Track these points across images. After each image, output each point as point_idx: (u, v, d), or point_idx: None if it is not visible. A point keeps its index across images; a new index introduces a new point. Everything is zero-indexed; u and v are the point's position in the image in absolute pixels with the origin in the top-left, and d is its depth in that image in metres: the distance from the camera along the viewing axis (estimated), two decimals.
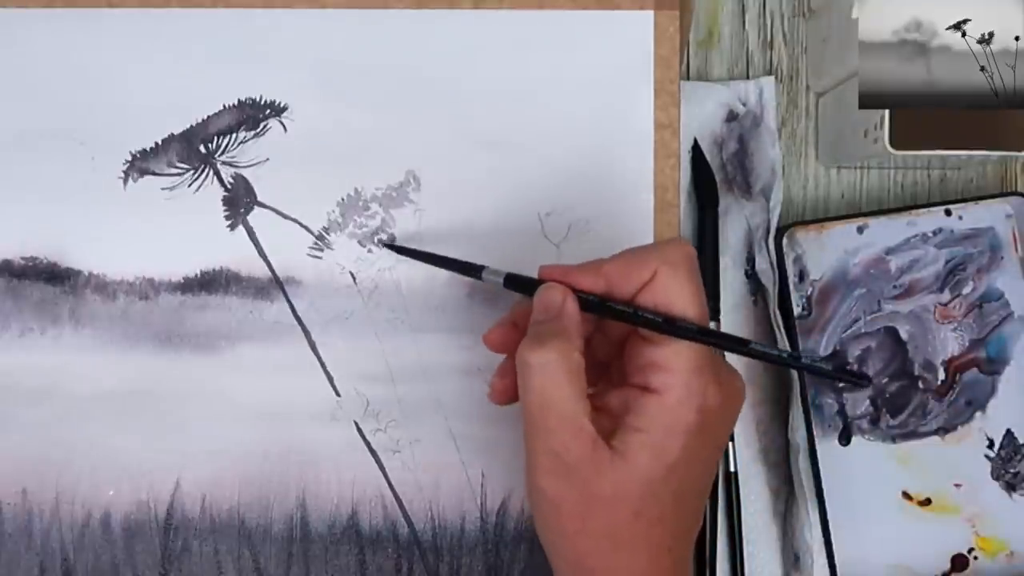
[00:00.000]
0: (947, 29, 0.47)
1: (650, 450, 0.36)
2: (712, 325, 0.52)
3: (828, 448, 0.52)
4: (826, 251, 0.53)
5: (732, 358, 0.54)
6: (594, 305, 0.38)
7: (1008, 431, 0.53)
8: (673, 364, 0.36)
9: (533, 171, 0.48)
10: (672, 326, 0.36)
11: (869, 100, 0.47)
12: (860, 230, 0.53)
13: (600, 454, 0.36)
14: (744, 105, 0.54)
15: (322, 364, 0.47)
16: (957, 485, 0.52)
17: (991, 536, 0.52)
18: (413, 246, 0.47)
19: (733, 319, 0.53)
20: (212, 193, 0.48)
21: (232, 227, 0.48)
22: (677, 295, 0.37)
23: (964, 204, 0.53)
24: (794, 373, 0.51)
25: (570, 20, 0.48)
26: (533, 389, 0.36)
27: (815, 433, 0.51)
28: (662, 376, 0.36)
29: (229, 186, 0.48)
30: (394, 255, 0.47)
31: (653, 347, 0.37)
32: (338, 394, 0.47)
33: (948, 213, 0.53)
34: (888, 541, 0.52)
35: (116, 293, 0.47)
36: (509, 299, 0.47)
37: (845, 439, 0.53)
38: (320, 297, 0.47)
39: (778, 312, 0.51)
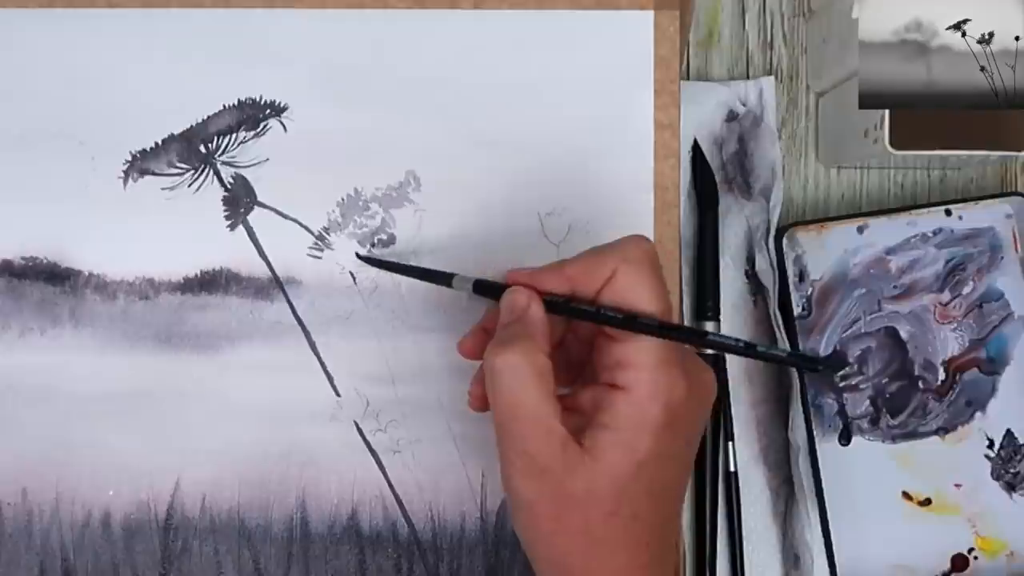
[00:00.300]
0: (947, 29, 0.47)
1: (620, 447, 0.36)
2: (711, 326, 0.52)
3: (828, 448, 0.52)
4: (826, 251, 0.53)
5: (732, 358, 0.54)
6: (558, 306, 0.38)
7: (1008, 431, 0.53)
8: (638, 360, 0.36)
9: (533, 171, 0.48)
10: (632, 322, 0.37)
11: (869, 100, 0.47)
12: (860, 230, 0.53)
13: (571, 454, 0.36)
14: (744, 105, 0.54)
15: (322, 364, 0.47)
16: (957, 485, 0.52)
17: (991, 536, 0.52)
18: (413, 247, 0.47)
19: (733, 319, 0.53)
20: (212, 193, 0.48)
21: (232, 227, 0.48)
22: (638, 292, 0.37)
23: (964, 204, 0.53)
24: (794, 373, 0.51)
25: (570, 20, 0.48)
26: (501, 392, 0.37)
27: (815, 433, 0.51)
28: (628, 373, 0.37)
29: (229, 186, 0.48)
30: (394, 256, 0.47)
31: (618, 344, 0.37)
32: (338, 394, 0.47)
33: (948, 213, 0.53)
34: (888, 541, 0.52)
35: (116, 293, 0.47)
36: None
37: (845, 439, 0.53)
38: (320, 297, 0.47)
39: (778, 312, 0.51)
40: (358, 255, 0.47)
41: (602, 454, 0.36)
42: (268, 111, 0.48)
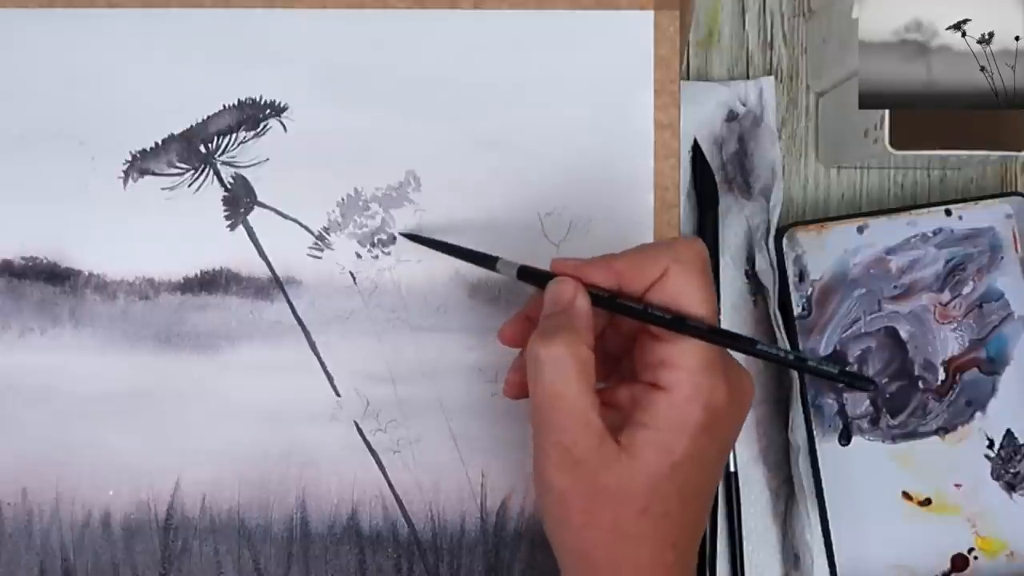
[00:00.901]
0: (947, 29, 0.47)
1: (657, 447, 0.36)
2: None
3: (828, 448, 0.52)
4: (826, 251, 0.53)
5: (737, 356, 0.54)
6: (605, 301, 0.38)
7: (1008, 431, 0.53)
8: (682, 361, 0.37)
9: (533, 171, 0.48)
10: (681, 324, 0.37)
11: (869, 100, 0.47)
12: (860, 230, 0.53)
13: (607, 449, 0.36)
14: (744, 105, 0.54)
15: (322, 364, 0.47)
16: (957, 485, 0.52)
17: (991, 536, 0.52)
18: (413, 246, 0.47)
19: (733, 319, 0.53)
20: (212, 193, 0.48)
21: (232, 227, 0.48)
22: (688, 293, 0.37)
23: (964, 204, 0.53)
24: (794, 373, 0.51)
25: (570, 20, 0.48)
26: (542, 383, 0.37)
27: (815, 433, 0.51)
28: (671, 373, 0.37)
29: (229, 186, 0.48)
30: (394, 256, 0.47)
31: (662, 344, 0.37)
32: (338, 394, 0.47)
33: (948, 213, 0.53)
34: (888, 541, 0.52)
35: (116, 293, 0.47)
36: (510, 299, 0.47)
37: (845, 439, 0.53)
38: (320, 297, 0.47)
39: (778, 312, 0.51)
40: (402, 233, 0.47)
41: (639, 452, 0.36)
42: (268, 111, 0.48)
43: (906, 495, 0.52)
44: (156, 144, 0.48)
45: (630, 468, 0.36)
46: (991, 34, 0.47)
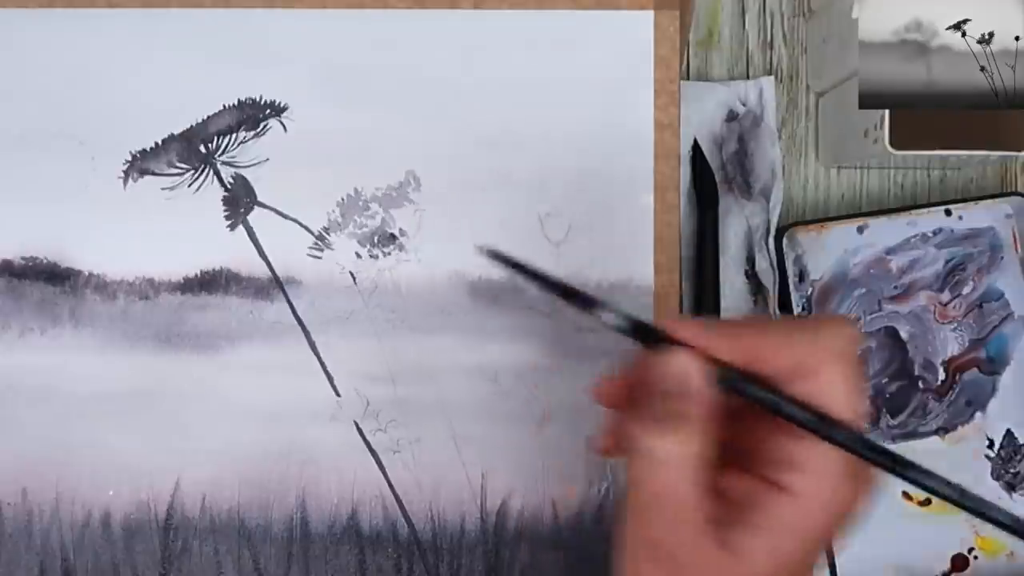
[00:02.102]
0: (947, 29, 0.47)
1: (769, 553, 0.32)
2: None
3: None
4: (826, 251, 0.53)
5: None
6: (734, 384, 0.32)
7: (1008, 431, 0.53)
8: (817, 466, 0.31)
9: (533, 171, 0.48)
10: (829, 430, 0.31)
11: (869, 100, 0.47)
12: (860, 230, 0.53)
13: (711, 552, 0.31)
14: (744, 105, 0.54)
15: (322, 364, 0.47)
16: None
17: (991, 536, 0.52)
18: (413, 246, 0.47)
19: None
20: (212, 193, 0.48)
21: (232, 227, 0.48)
22: (838, 394, 0.31)
23: (964, 204, 0.53)
24: None
25: (570, 20, 0.48)
26: (651, 479, 0.31)
27: None
28: (801, 477, 0.31)
29: (229, 186, 0.48)
30: (395, 258, 0.47)
31: (792, 440, 0.32)
32: (338, 394, 0.47)
33: (948, 213, 0.53)
34: (888, 541, 0.52)
35: (116, 293, 0.47)
36: (510, 300, 0.47)
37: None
38: (320, 297, 0.47)
39: (778, 312, 0.51)
40: (488, 252, 0.34)
41: (748, 557, 0.31)
42: (268, 111, 0.48)
43: (906, 495, 0.52)
44: (156, 144, 0.48)
45: (734, 572, 0.31)
46: (991, 34, 0.47)
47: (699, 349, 0.32)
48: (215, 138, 0.48)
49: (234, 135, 0.48)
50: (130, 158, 0.48)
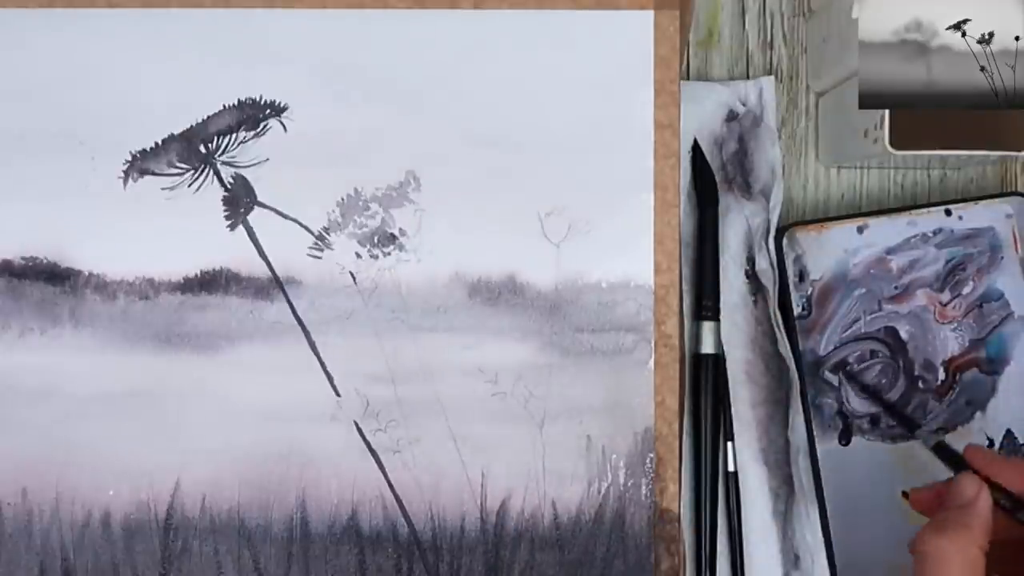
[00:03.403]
0: (947, 29, 0.47)
1: None
2: (711, 325, 0.52)
3: (828, 448, 0.52)
4: (826, 251, 0.53)
5: (731, 358, 0.54)
6: (1012, 508, 0.38)
7: (1008, 431, 0.53)
8: None
9: (533, 171, 0.48)
10: None
11: (869, 100, 0.47)
12: (860, 230, 0.53)
13: None
14: (744, 105, 0.54)
15: (322, 364, 0.47)
16: None
17: None
18: (413, 246, 0.47)
19: (733, 319, 0.53)
20: (212, 193, 0.48)
21: (232, 227, 0.48)
22: None
23: (964, 204, 0.53)
24: (795, 374, 0.51)
25: (570, 20, 0.48)
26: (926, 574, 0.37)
27: (815, 433, 0.51)
28: None
29: (229, 186, 0.48)
30: (395, 258, 0.47)
31: None
32: (338, 394, 0.47)
33: (948, 213, 0.53)
34: (888, 541, 0.52)
35: (116, 293, 0.47)
36: (510, 300, 0.47)
37: (845, 439, 0.53)
38: (320, 297, 0.47)
39: (778, 312, 0.51)
40: (934, 444, 0.44)
41: None
42: (268, 111, 0.48)
43: (906, 495, 0.52)
44: (156, 144, 0.48)
45: None
46: (991, 34, 0.47)
47: (986, 472, 0.38)
48: (215, 138, 0.48)
49: (234, 135, 0.48)
50: (130, 158, 0.48)
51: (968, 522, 0.37)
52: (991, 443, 0.53)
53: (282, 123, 0.48)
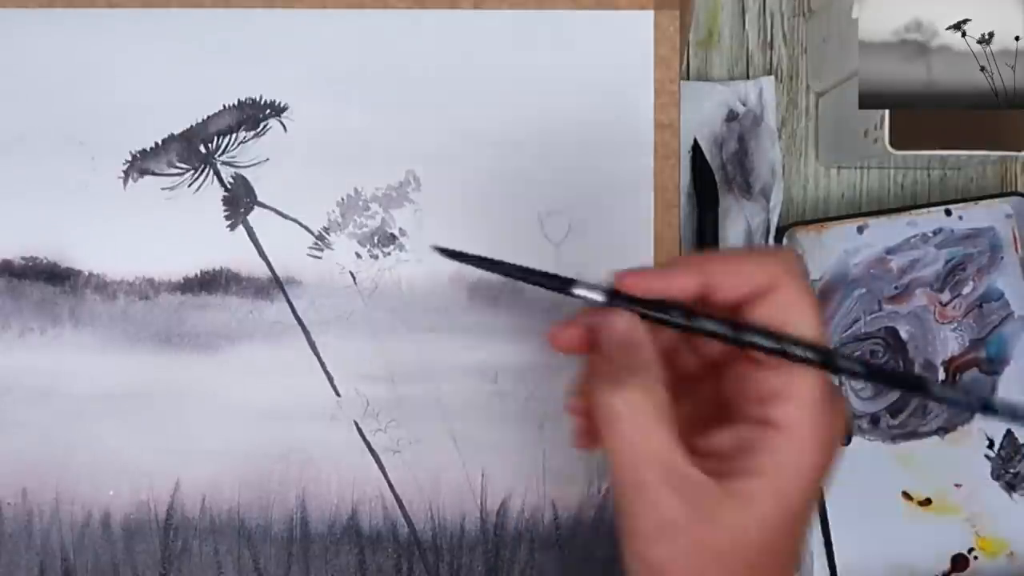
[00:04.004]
0: (947, 29, 0.47)
1: (776, 496, 0.31)
2: None
3: None
4: (826, 251, 0.53)
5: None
6: (690, 323, 0.32)
7: (1008, 431, 0.53)
8: (800, 393, 0.31)
9: (533, 171, 0.48)
10: (796, 348, 0.31)
11: (869, 100, 0.47)
12: (860, 230, 0.53)
13: (709, 503, 0.31)
14: (744, 105, 0.54)
15: (322, 364, 0.47)
16: (957, 485, 0.52)
17: (991, 536, 0.52)
18: (420, 245, 0.47)
19: None
20: (212, 193, 0.48)
21: (232, 227, 0.48)
22: (802, 312, 0.32)
23: (964, 204, 0.53)
24: None
25: (570, 20, 0.48)
26: (621, 438, 0.31)
27: None
28: (787, 408, 0.31)
29: (229, 186, 0.48)
30: (395, 258, 0.47)
31: (771, 372, 0.32)
32: (338, 394, 0.47)
33: (948, 213, 0.53)
34: (888, 541, 0.52)
35: (116, 293, 0.47)
36: (510, 300, 0.47)
37: (845, 439, 0.53)
38: (320, 297, 0.47)
39: None
40: (438, 249, 0.36)
41: (754, 504, 0.31)
42: (268, 111, 0.48)
43: (906, 495, 0.52)
44: (156, 144, 0.48)
45: (744, 524, 0.31)
46: (991, 34, 0.47)
47: (653, 289, 0.32)
48: (215, 138, 0.48)
49: (234, 135, 0.48)
50: (130, 158, 0.48)
51: (641, 362, 0.32)
52: (991, 443, 0.53)
53: (282, 123, 0.48)
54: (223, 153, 0.48)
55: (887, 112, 0.47)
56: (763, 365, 0.32)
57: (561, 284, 0.34)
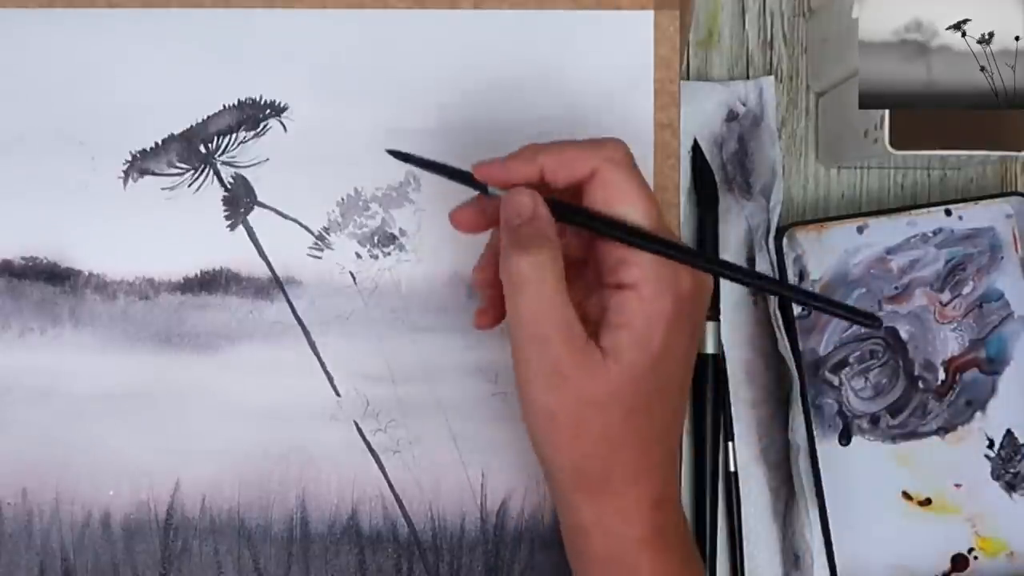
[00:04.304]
0: (947, 29, 0.47)
1: (637, 346, 0.36)
2: (711, 325, 0.52)
3: (828, 448, 0.52)
4: (826, 251, 0.53)
5: (732, 360, 0.54)
6: (563, 211, 0.38)
7: (1008, 431, 0.53)
8: (642, 257, 0.37)
9: None
10: (637, 238, 0.37)
11: (869, 100, 0.47)
12: (860, 230, 0.53)
13: (591, 358, 0.36)
14: (744, 105, 0.54)
15: (322, 364, 0.47)
16: (957, 485, 0.52)
17: (991, 536, 0.52)
18: (413, 246, 0.47)
19: (733, 319, 0.53)
20: (212, 193, 0.48)
21: (232, 227, 0.48)
22: (624, 191, 0.37)
23: (964, 204, 0.53)
24: (795, 373, 0.51)
25: (570, 20, 0.48)
26: (526, 296, 0.36)
27: (815, 433, 0.51)
28: (633, 270, 0.37)
29: (229, 186, 0.48)
30: (395, 258, 0.47)
31: (617, 244, 0.37)
32: (338, 394, 0.47)
33: (948, 213, 0.53)
34: (888, 541, 0.52)
35: (116, 293, 0.47)
36: None
37: (845, 439, 0.53)
38: (320, 297, 0.47)
39: (778, 312, 0.51)
40: (391, 152, 0.41)
41: (621, 355, 0.36)
42: (268, 111, 0.48)
43: (906, 495, 0.52)
44: (156, 144, 0.48)
45: (615, 372, 0.36)
46: (991, 34, 0.47)
47: (502, 175, 0.38)
48: (215, 138, 0.48)
49: (234, 135, 0.48)
50: (130, 158, 0.48)
51: (542, 231, 0.37)
52: (991, 443, 0.53)
53: (282, 123, 0.48)
54: (223, 153, 0.48)
55: (887, 112, 0.47)
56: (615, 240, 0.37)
57: (463, 177, 0.40)
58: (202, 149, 0.48)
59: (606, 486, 0.38)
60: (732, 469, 0.52)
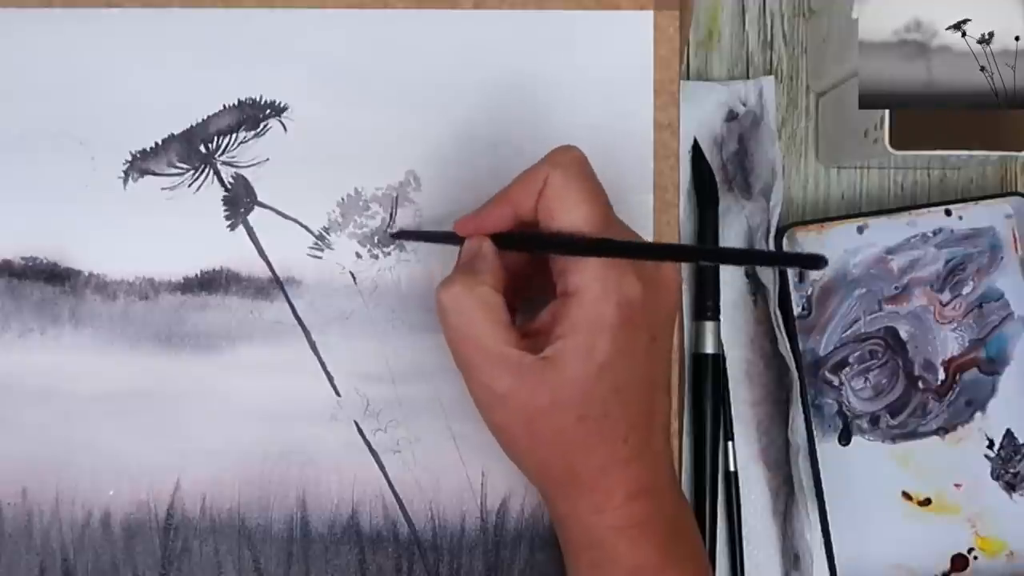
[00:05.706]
0: (947, 29, 0.47)
1: (578, 353, 0.37)
2: (711, 325, 0.52)
3: (828, 448, 0.52)
4: (826, 251, 0.53)
5: (732, 359, 0.54)
6: (510, 241, 0.39)
7: (1008, 431, 0.53)
8: (581, 264, 0.37)
9: None
10: (572, 245, 0.37)
11: (869, 100, 0.47)
12: (860, 230, 0.53)
13: (529, 372, 0.37)
14: (744, 105, 0.54)
15: (322, 364, 0.47)
16: (957, 485, 0.52)
17: (991, 536, 0.52)
18: (413, 246, 0.47)
19: (733, 319, 0.53)
20: (212, 193, 0.48)
21: (232, 227, 0.48)
22: (567, 195, 0.38)
23: (964, 204, 0.53)
24: (795, 373, 0.51)
25: (570, 20, 0.48)
26: (449, 326, 0.38)
27: (815, 433, 0.51)
28: (574, 277, 0.37)
29: (229, 186, 0.48)
30: (395, 258, 0.47)
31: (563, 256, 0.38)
32: (338, 394, 0.47)
33: (948, 213, 0.53)
34: (888, 541, 0.52)
35: (116, 293, 0.47)
36: None
37: (845, 439, 0.53)
38: (320, 297, 0.47)
39: (778, 312, 0.51)
40: (394, 234, 0.47)
41: (562, 363, 0.37)
42: (268, 111, 0.48)
43: (906, 495, 0.52)
44: (156, 144, 0.48)
45: (557, 381, 0.37)
46: (991, 34, 0.47)
47: (480, 224, 0.40)
48: (215, 138, 0.48)
49: (234, 135, 0.48)
50: (130, 158, 0.48)
51: (472, 267, 0.39)
52: (991, 443, 0.53)
53: (282, 123, 0.48)
54: (223, 153, 0.48)
55: (887, 112, 0.47)
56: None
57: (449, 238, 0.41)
58: (202, 149, 0.48)
59: (574, 481, 0.39)
60: (732, 469, 0.52)
